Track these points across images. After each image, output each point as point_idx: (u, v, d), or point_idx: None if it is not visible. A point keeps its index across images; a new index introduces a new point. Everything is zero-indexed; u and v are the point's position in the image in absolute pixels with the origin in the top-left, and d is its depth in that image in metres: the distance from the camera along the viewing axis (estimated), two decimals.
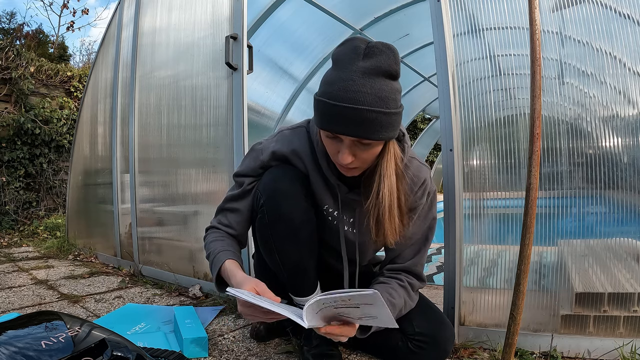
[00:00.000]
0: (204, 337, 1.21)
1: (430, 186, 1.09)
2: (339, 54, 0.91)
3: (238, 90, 1.75)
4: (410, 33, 4.04)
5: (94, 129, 2.90)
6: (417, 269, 1.12)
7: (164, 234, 2.22)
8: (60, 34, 10.57)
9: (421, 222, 1.10)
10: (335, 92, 0.86)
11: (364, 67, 0.86)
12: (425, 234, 1.12)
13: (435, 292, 1.80)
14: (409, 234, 1.09)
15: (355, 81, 0.85)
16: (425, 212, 1.10)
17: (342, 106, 0.85)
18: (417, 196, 1.07)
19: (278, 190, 1.05)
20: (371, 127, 0.86)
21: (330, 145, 0.95)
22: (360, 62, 0.87)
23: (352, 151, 0.91)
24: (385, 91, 0.87)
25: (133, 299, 1.81)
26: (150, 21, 2.34)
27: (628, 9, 1.15)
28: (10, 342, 0.79)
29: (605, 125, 1.17)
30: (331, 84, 0.88)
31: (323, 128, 0.91)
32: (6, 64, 4.33)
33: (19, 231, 4.25)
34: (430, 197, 1.10)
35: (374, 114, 0.85)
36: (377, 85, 0.86)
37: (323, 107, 0.89)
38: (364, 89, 0.85)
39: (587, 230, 1.19)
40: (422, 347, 1.06)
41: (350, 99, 0.85)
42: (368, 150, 0.91)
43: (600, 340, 1.11)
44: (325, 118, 0.89)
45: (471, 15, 1.30)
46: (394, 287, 1.07)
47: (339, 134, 0.89)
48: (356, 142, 0.90)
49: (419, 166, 1.09)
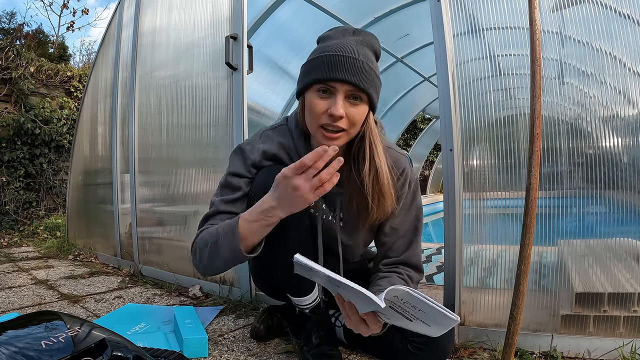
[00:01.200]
0: (204, 337, 1.20)
1: (410, 175, 1.11)
2: (327, 33, 1.01)
3: (238, 90, 1.75)
4: (410, 33, 4.04)
5: (94, 129, 2.90)
6: (413, 260, 1.12)
7: (164, 234, 2.22)
8: (60, 34, 10.58)
9: (407, 211, 1.11)
10: (329, 48, 0.95)
11: (355, 39, 0.97)
12: (414, 224, 1.12)
13: (435, 292, 1.80)
14: (396, 224, 1.10)
15: (346, 40, 0.96)
16: (410, 202, 1.11)
17: (342, 55, 0.93)
18: (398, 185, 1.09)
19: None
20: (365, 76, 0.94)
21: (321, 103, 0.95)
22: (350, 36, 0.98)
23: (345, 105, 0.94)
24: (372, 57, 0.99)
25: (133, 299, 1.81)
26: (150, 21, 2.34)
27: (628, 9, 1.15)
28: (10, 342, 0.79)
29: (605, 125, 1.17)
30: (323, 47, 0.96)
31: (319, 78, 0.93)
32: (6, 64, 4.33)
33: (19, 231, 4.25)
34: (412, 186, 1.12)
35: (366, 66, 0.94)
36: (365, 50, 0.97)
37: (321, 61, 0.94)
38: (358, 49, 0.95)
39: (587, 230, 1.19)
40: (421, 347, 1.06)
41: (345, 49, 0.94)
42: (356, 108, 0.96)
43: (600, 340, 1.11)
44: (322, 69, 0.93)
45: (471, 15, 1.30)
46: (396, 280, 1.06)
47: (336, 80, 0.92)
48: (350, 94, 0.94)
49: (398, 155, 1.11)
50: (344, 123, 0.94)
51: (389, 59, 4.44)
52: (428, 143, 8.12)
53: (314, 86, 0.95)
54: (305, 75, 0.97)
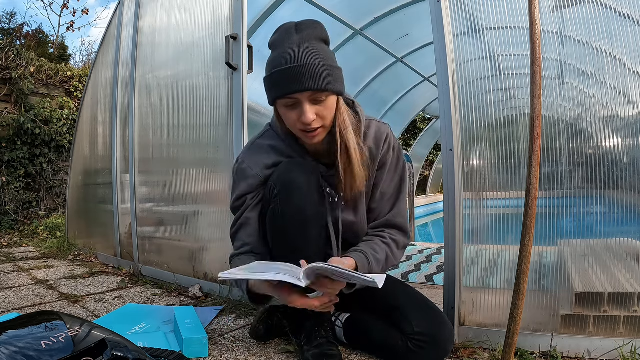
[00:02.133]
0: (204, 337, 1.20)
1: (393, 140, 1.18)
2: (275, 39, 1.03)
3: (238, 90, 1.75)
4: (410, 33, 4.04)
5: (94, 129, 2.90)
6: (398, 220, 1.19)
7: (164, 234, 2.22)
8: (60, 34, 10.58)
9: (392, 174, 1.19)
10: (279, 61, 0.98)
11: (298, 37, 0.99)
12: (399, 186, 1.20)
13: (435, 292, 1.80)
14: (385, 189, 1.18)
15: (292, 47, 0.97)
16: (395, 165, 1.19)
17: (289, 67, 0.96)
18: (384, 151, 1.16)
19: (293, 181, 1.08)
20: (320, 78, 0.96)
21: (291, 114, 1.02)
22: (294, 36, 0.99)
23: (312, 109, 1.00)
24: (321, 50, 0.99)
25: (133, 299, 1.81)
26: (150, 21, 2.34)
27: (628, 9, 1.14)
28: (11, 342, 0.79)
29: (605, 125, 1.17)
30: (274, 59, 1.00)
31: (280, 95, 0.99)
32: (6, 64, 4.33)
33: (19, 231, 4.25)
34: (396, 150, 1.19)
35: (317, 67, 0.96)
36: (313, 45, 0.98)
37: (274, 78, 0.99)
38: (302, 50, 0.97)
39: (587, 230, 1.19)
40: (421, 346, 1.06)
41: (293, 59, 0.96)
42: (324, 105, 1.01)
43: (600, 340, 1.11)
44: (279, 85, 0.98)
45: (471, 15, 1.30)
46: (377, 243, 1.14)
47: (295, 92, 0.97)
48: (312, 98, 0.99)
49: (379, 124, 1.18)
50: (317, 123, 1.02)
51: (389, 59, 4.45)
52: (428, 143, 8.12)
53: (279, 101, 1.02)
54: (268, 91, 1.03)
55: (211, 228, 1.93)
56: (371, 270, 1.09)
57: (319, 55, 0.98)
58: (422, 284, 2.00)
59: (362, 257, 1.10)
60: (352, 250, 1.14)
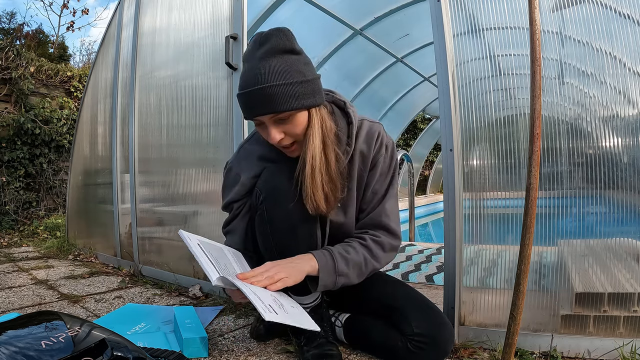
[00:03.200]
0: (204, 337, 1.21)
1: (386, 139, 1.16)
2: (245, 53, 1.03)
3: None
4: (410, 33, 4.04)
5: (94, 129, 2.90)
6: (383, 219, 1.15)
7: (164, 234, 2.22)
8: (60, 34, 10.58)
9: (385, 174, 1.16)
10: (243, 82, 0.99)
11: (260, 53, 0.97)
12: (387, 186, 1.17)
13: (435, 292, 1.80)
14: (376, 188, 1.16)
15: (254, 67, 0.97)
16: (388, 164, 1.17)
17: (249, 91, 0.97)
18: (376, 150, 1.15)
19: (277, 187, 1.07)
20: (277, 100, 0.95)
21: (263, 132, 1.04)
22: (258, 51, 0.98)
23: (278, 129, 1.00)
24: (284, 65, 0.96)
25: (133, 299, 1.81)
26: (150, 21, 2.34)
27: (628, 9, 1.14)
28: (11, 342, 0.79)
29: (605, 125, 1.17)
30: (241, 79, 1.00)
31: (246, 118, 1.03)
32: (6, 64, 4.33)
33: (19, 231, 4.25)
34: (389, 149, 1.17)
35: (275, 88, 0.95)
36: (273, 63, 0.96)
37: (240, 100, 1.01)
38: (262, 70, 0.96)
39: (587, 230, 1.19)
40: (421, 347, 1.06)
41: (253, 82, 0.96)
42: (291, 123, 1.00)
43: (600, 340, 1.11)
44: (244, 108, 1.01)
45: (471, 15, 1.30)
46: (352, 245, 1.11)
47: (256, 116, 0.99)
48: (275, 119, 0.99)
49: (370, 124, 1.16)
50: (287, 140, 1.03)
51: (389, 59, 4.45)
52: (428, 143, 8.12)
53: None
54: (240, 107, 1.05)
55: (211, 228, 1.93)
56: (336, 269, 1.06)
57: (278, 74, 0.95)
58: (422, 284, 2.00)
59: (325, 253, 1.07)
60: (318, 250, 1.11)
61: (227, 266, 1.04)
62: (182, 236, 1.04)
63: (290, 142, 1.03)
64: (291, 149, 1.06)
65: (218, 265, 1.00)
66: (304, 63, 1.00)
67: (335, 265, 1.06)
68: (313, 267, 1.04)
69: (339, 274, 1.06)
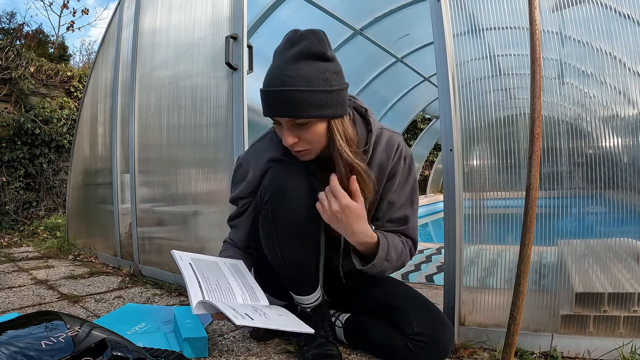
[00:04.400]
0: (204, 337, 1.20)
1: (405, 150, 1.16)
2: (277, 48, 1.01)
3: (238, 90, 1.75)
4: (410, 33, 4.04)
5: (94, 129, 2.90)
6: (410, 232, 1.16)
7: (164, 234, 2.22)
8: (60, 34, 10.57)
9: (404, 184, 1.16)
10: (268, 80, 0.98)
11: (291, 53, 0.95)
12: (410, 197, 1.17)
13: (435, 292, 1.80)
14: (394, 199, 1.15)
15: (282, 67, 0.95)
16: (406, 175, 1.16)
17: (272, 90, 0.96)
18: (394, 161, 1.13)
19: (282, 187, 1.06)
20: (299, 106, 0.94)
21: (279, 132, 1.04)
22: (289, 50, 0.96)
23: (293, 133, 0.99)
24: (311, 71, 0.94)
25: (133, 299, 1.81)
26: (150, 21, 2.34)
27: (628, 9, 1.14)
28: (11, 342, 0.79)
29: (605, 125, 1.17)
30: (267, 75, 0.99)
31: (265, 115, 1.01)
32: (6, 64, 4.33)
33: (19, 231, 4.25)
34: (408, 161, 1.16)
35: (299, 93, 0.93)
36: (302, 67, 0.94)
37: (262, 96, 1.00)
38: (290, 73, 0.94)
39: (587, 230, 1.19)
40: (421, 347, 1.06)
41: (278, 83, 0.95)
42: (308, 130, 0.99)
43: (600, 340, 1.11)
44: (264, 105, 1.00)
45: (471, 15, 1.30)
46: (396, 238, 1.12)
47: (274, 117, 0.99)
48: (294, 123, 0.98)
49: (390, 134, 1.15)
50: (301, 145, 1.02)
51: (389, 59, 4.45)
52: (428, 143, 8.12)
53: None
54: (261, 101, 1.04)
55: (211, 228, 1.93)
56: (388, 256, 1.07)
57: (304, 79, 0.94)
58: (422, 284, 2.00)
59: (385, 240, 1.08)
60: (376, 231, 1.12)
61: (220, 283, 1.04)
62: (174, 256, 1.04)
63: (304, 148, 1.02)
64: (302, 153, 1.04)
65: (207, 284, 1.00)
66: (334, 71, 0.98)
67: (387, 252, 1.07)
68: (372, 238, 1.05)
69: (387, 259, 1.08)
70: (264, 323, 0.91)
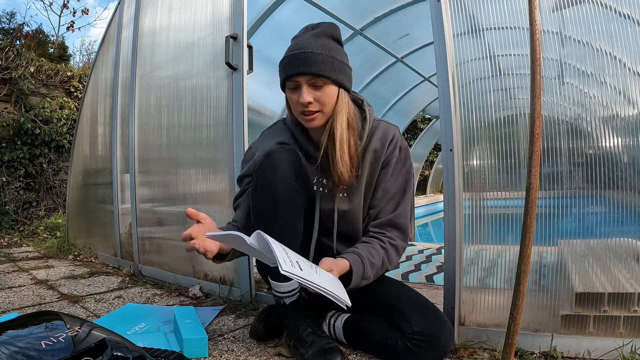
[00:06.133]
0: (204, 337, 1.20)
1: (401, 142, 1.23)
2: (296, 35, 1.16)
3: (238, 90, 1.75)
4: (410, 33, 4.04)
5: (94, 129, 2.90)
6: (400, 220, 1.22)
7: (164, 234, 2.22)
8: (60, 34, 10.56)
9: (397, 174, 1.21)
10: (291, 48, 1.12)
11: (312, 33, 1.13)
12: (403, 187, 1.22)
13: (435, 292, 1.80)
14: (388, 187, 1.21)
15: (305, 39, 1.11)
16: (401, 165, 1.22)
17: (296, 53, 1.09)
18: (389, 150, 1.20)
19: (271, 162, 1.13)
20: (319, 64, 1.08)
21: (293, 97, 1.13)
22: (309, 31, 1.14)
23: (311, 92, 1.10)
24: (331, 45, 1.11)
25: (133, 299, 1.81)
26: (150, 21, 2.34)
27: (628, 9, 1.14)
28: (11, 342, 0.79)
29: (605, 125, 1.17)
30: (289, 48, 1.13)
31: (287, 76, 1.11)
32: (6, 64, 4.33)
33: (19, 231, 4.25)
34: (403, 152, 1.23)
35: (321, 56, 1.08)
36: (323, 41, 1.11)
37: (284, 62, 1.12)
38: (312, 42, 1.10)
39: (587, 230, 1.19)
40: (420, 346, 1.06)
41: (302, 47, 1.09)
42: (323, 92, 1.10)
43: (600, 340, 1.11)
44: (285, 68, 1.11)
45: (471, 15, 1.30)
46: (375, 247, 1.17)
47: (296, 75, 1.09)
48: (311, 82, 1.09)
49: (387, 126, 1.23)
50: (315, 106, 1.11)
51: (389, 59, 4.45)
52: (428, 143, 8.12)
53: (286, 84, 1.13)
54: (279, 74, 1.15)
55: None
56: (365, 275, 1.12)
57: (325, 47, 1.09)
58: (422, 284, 2.00)
59: (358, 260, 1.11)
60: (349, 252, 1.14)
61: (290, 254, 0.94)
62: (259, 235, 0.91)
63: (317, 109, 1.11)
64: (313, 117, 1.12)
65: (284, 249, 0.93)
66: (345, 54, 1.15)
67: (364, 272, 1.12)
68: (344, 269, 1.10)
69: (365, 277, 1.13)
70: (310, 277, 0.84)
